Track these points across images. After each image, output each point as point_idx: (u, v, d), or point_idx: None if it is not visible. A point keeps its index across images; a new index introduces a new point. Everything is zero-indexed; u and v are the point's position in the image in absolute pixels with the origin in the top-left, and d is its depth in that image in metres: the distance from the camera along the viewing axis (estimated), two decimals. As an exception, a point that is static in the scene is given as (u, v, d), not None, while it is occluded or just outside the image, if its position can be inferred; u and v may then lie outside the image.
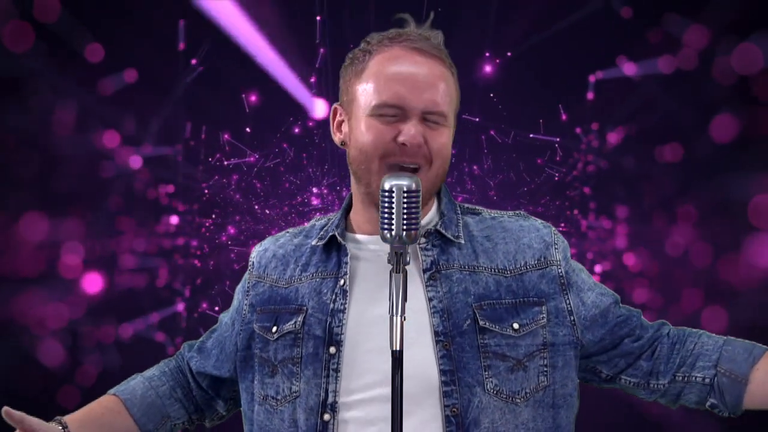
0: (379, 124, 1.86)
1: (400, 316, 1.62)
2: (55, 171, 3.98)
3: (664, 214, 4.23)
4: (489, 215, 1.99)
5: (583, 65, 4.26)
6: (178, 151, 4.20)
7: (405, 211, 1.65)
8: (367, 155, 1.86)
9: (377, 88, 1.87)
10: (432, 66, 1.89)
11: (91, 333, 3.97)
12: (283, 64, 4.14)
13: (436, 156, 1.87)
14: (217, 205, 4.26)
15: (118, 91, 4.02)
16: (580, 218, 4.38)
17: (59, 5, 3.86)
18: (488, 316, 1.85)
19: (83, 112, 3.98)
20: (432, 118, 1.87)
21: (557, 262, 1.93)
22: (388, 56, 1.89)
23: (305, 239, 2.02)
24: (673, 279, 4.17)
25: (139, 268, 4.12)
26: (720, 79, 4.04)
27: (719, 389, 1.91)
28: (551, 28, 4.15)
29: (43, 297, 3.94)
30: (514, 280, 1.89)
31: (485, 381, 1.82)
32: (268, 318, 1.96)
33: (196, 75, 4.13)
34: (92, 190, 4.03)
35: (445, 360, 1.81)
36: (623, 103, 4.29)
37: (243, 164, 4.25)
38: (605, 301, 1.97)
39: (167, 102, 4.14)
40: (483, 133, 4.36)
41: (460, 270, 1.88)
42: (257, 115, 4.23)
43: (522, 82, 4.28)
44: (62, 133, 3.97)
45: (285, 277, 1.98)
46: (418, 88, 1.86)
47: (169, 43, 4.11)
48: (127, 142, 4.09)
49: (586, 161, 4.38)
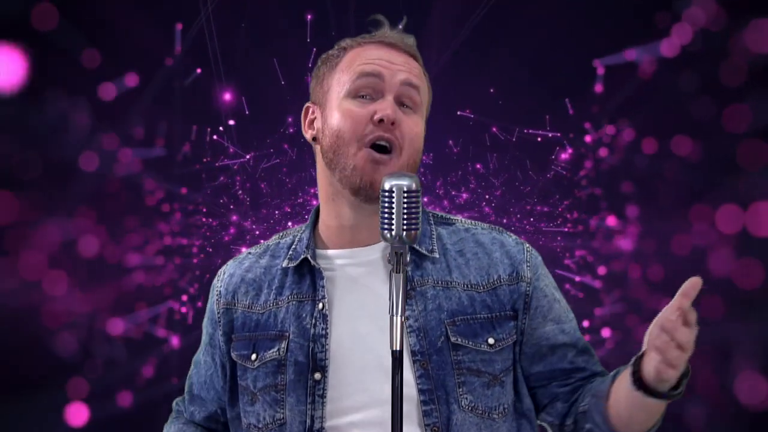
0: (354, 106, 1.87)
1: (400, 316, 1.62)
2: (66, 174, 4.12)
3: (679, 214, 3.97)
4: (463, 226, 1.98)
5: (589, 54, 4.04)
6: (182, 153, 4.27)
7: (405, 211, 1.66)
8: (343, 139, 1.86)
9: (354, 69, 1.90)
10: (407, 58, 1.93)
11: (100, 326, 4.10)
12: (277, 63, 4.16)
13: (408, 142, 1.87)
14: (221, 206, 4.30)
15: (120, 96, 4.12)
16: (588, 218, 4.17)
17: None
18: (461, 332, 1.85)
19: (87, 117, 4.10)
20: (409, 95, 1.88)
21: (527, 280, 1.91)
22: (363, 49, 1.93)
23: (273, 260, 1.98)
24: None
25: (144, 266, 4.21)
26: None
27: (590, 411, 1.86)
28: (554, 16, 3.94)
29: (59, 289, 4.10)
30: (488, 294, 1.88)
31: (460, 398, 1.82)
32: (244, 345, 1.94)
33: (193, 78, 4.19)
34: (100, 192, 4.15)
35: (423, 380, 1.81)
36: (634, 93, 4.03)
37: (246, 164, 4.30)
38: (560, 339, 1.92)
39: (168, 105, 4.22)
40: (486, 130, 4.22)
41: (434, 286, 1.88)
42: (256, 116, 4.28)
43: (523, 77, 4.10)
44: (68, 137, 4.10)
45: (259, 303, 1.95)
46: (394, 64, 1.89)
47: (169, 46, 4.19)
48: (131, 145, 4.19)
49: (596, 158, 4.15)
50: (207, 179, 4.30)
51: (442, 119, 3.99)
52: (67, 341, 4.06)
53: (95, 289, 4.11)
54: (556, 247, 4.17)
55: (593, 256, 4.16)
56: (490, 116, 4.20)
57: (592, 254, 4.16)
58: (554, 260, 4.08)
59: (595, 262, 4.16)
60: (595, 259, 4.16)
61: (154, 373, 4.15)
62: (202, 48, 4.18)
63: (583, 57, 4.06)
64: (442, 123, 4.09)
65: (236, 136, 4.29)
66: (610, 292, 4.11)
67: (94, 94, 4.12)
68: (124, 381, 4.12)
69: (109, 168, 4.16)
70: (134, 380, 4.13)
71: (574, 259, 4.13)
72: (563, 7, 3.93)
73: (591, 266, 4.14)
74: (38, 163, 4.04)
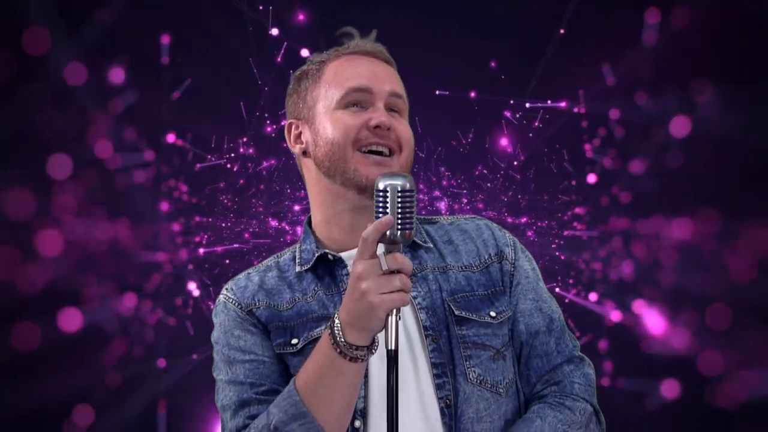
0: (346, 116, 1.93)
1: (395, 316, 1.67)
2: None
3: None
4: (446, 221, 2.07)
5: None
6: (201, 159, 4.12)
7: (399, 211, 1.68)
8: (339, 146, 1.92)
9: (340, 82, 1.96)
10: (385, 66, 2.02)
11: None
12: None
13: (405, 143, 1.95)
14: (232, 211, 4.18)
15: (128, 107, 4.00)
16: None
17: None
18: (464, 307, 1.92)
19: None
20: (396, 104, 1.97)
21: (510, 259, 2.00)
22: (343, 60, 2.00)
23: (281, 272, 2.01)
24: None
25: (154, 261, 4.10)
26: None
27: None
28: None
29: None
30: (481, 273, 1.97)
31: (467, 371, 1.87)
32: (278, 335, 1.94)
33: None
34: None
35: (435, 353, 1.87)
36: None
37: (263, 170, 4.19)
38: (537, 323, 1.97)
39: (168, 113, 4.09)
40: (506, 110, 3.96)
41: (432, 271, 1.96)
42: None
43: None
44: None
45: (284, 301, 1.96)
46: (379, 76, 1.97)
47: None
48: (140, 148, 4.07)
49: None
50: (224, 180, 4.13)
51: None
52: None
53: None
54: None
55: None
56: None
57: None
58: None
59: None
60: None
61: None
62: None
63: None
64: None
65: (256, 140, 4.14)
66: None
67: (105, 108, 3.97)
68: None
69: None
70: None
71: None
72: None
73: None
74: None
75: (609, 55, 3.94)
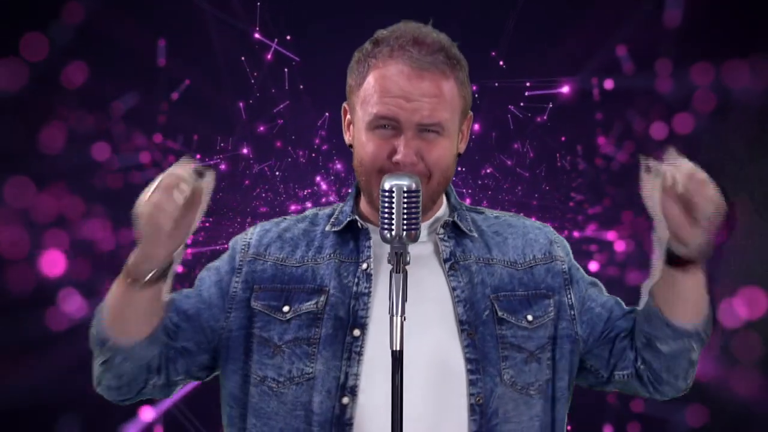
0: (376, 138, 1.88)
1: (400, 316, 1.65)
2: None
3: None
4: (492, 214, 2.05)
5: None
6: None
7: (405, 211, 1.69)
8: (366, 169, 1.90)
9: (372, 103, 1.89)
10: (431, 79, 1.88)
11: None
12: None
13: (435, 168, 1.88)
14: (237, 212, 4.18)
15: (129, 109, 4.06)
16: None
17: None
18: (505, 308, 1.91)
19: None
20: (428, 130, 1.88)
21: (561, 258, 1.99)
22: (382, 70, 1.89)
23: (312, 226, 2.01)
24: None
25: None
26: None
27: (640, 323, 1.93)
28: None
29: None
30: (524, 273, 1.96)
31: (502, 372, 1.87)
32: (273, 297, 1.92)
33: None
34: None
35: (470, 349, 1.86)
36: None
37: (266, 167, 4.18)
38: (608, 302, 1.99)
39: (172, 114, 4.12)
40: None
41: (476, 262, 1.94)
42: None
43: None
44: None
45: (295, 257, 1.95)
46: (412, 102, 1.86)
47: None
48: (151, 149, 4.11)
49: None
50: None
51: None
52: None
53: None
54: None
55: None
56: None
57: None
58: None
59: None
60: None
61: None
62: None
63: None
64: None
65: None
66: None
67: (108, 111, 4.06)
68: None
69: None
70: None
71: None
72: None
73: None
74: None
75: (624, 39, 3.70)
